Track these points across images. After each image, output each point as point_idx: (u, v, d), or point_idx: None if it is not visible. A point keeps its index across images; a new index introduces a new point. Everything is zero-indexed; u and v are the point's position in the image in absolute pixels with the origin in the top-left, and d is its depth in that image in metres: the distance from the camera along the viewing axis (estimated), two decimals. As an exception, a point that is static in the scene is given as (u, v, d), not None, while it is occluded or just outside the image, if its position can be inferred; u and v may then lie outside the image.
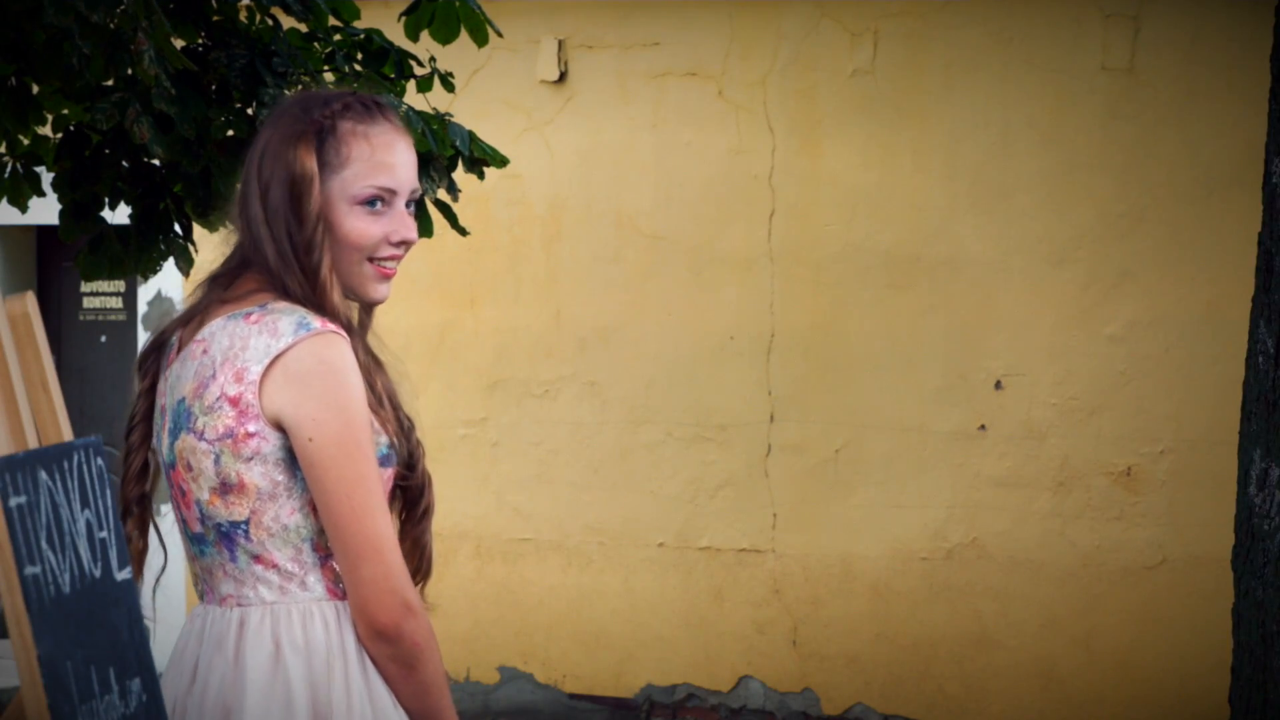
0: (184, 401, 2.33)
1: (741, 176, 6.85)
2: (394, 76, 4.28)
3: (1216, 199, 6.24)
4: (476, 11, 4.29)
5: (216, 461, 2.29)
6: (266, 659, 2.28)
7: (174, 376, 2.37)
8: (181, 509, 2.37)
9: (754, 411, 6.82)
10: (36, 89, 4.14)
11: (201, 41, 4.14)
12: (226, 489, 2.29)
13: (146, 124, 3.71)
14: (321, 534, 2.30)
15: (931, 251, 6.59)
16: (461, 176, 4.40)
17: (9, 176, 4.44)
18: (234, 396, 2.27)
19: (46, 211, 4.81)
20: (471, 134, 4.32)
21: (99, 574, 1.98)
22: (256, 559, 2.31)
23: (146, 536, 2.45)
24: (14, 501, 1.82)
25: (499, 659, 7.21)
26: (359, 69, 4.21)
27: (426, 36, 4.29)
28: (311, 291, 2.32)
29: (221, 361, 2.29)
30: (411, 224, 2.39)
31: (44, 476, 1.90)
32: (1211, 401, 6.17)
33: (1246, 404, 4.50)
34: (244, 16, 4.24)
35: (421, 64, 4.36)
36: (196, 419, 2.30)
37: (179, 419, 2.33)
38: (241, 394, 2.26)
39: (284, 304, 2.31)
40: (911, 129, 6.62)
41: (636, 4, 6.99)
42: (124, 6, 3.53)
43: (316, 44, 4.32)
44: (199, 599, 2.41)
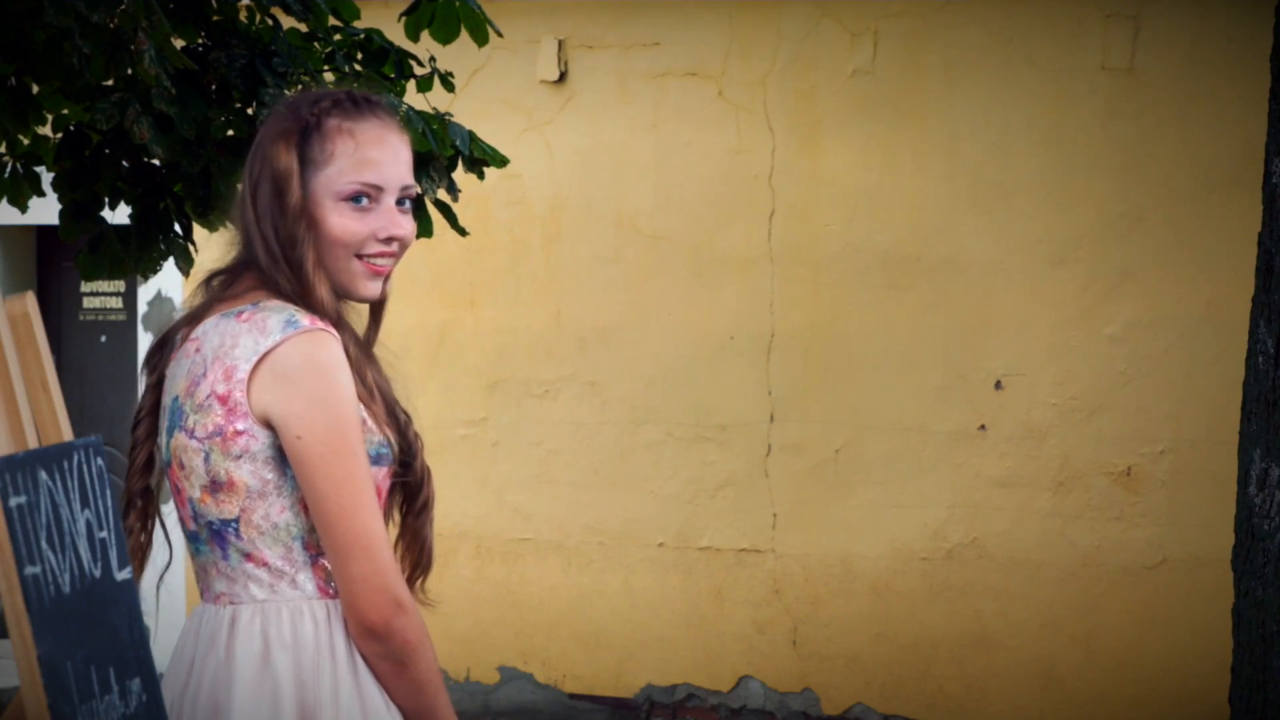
0: (178, 399, 2.34)
1: (741, 176, 6.84)
2: (394, 76, 4.27)
3: (1216, 199, 6.23)
4: (476, 11, 4.29)
5: (206, 459, 2.29)
6: (256, 657, 2.28)
7: (171, 374, 2.38)
8: (178, 507, 2.38)
9: (754, 411, 6.82)
10: (36, 89, 4.14)
11: (201, 41, 4.14)
12: (216, 487, 2.30)
13: (146, 124, 3.72)
14: (312, 532, 2.30)
15: (931, 251, 6.59)
16: (461, 176, 4.40)
17: (9, 176, 4.44)
18: (223, 394, 2.27)
19: (46, 211, 4.81)
20: (471, 134, 4.32)
21: (99, 574, 1.98)
22: (247, 557, 2.31)
23: (149, 530, 2.45)
24: (14, 501, 1.82)
25: (499, 659, 7.20)
26: (359, 69, 4.21)
27: (426, 36, 4.29)
28: (299, 288, 2.33)
29: (212, 360, 2.30)
30: (399, 221, 2.37)
31: (44, 476, 1.90)
32: (1211, 401, 6.16)
33: (1246, 404, 4.50)
34: (244, 16, 4.24)
35: (421, 64, 4.36)
36: (188, 417, 2.31)
37: (173, 417, 2.35)
38: (230, 392, 2.27)
39: (276, 302, 2.32)
40: (911, 129, 6.62)
41: (636, 4, 6.99)
42: (124, 6, 3.53)
43: (316, 44, 4.31)
44: (200, 597, 2.41)
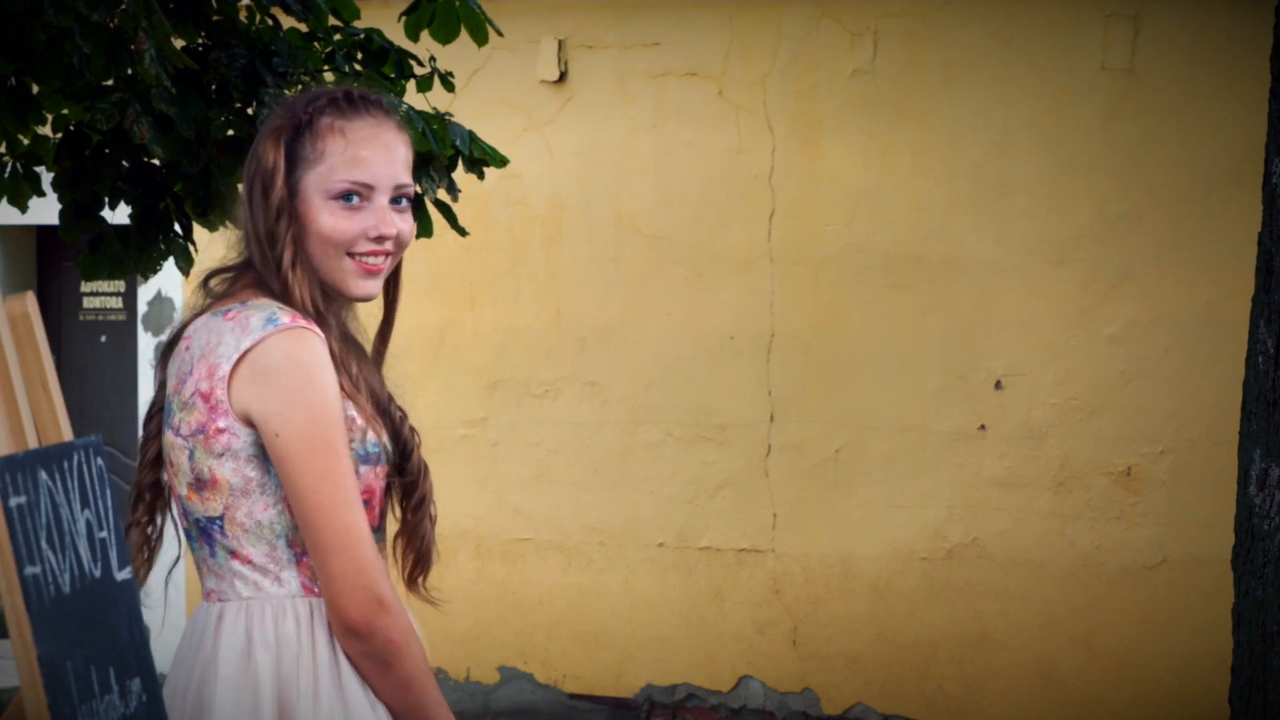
0: (170, 397, 2.35)
1: (741, 176, 6.84)
2: (394, 76, 4.27)
3: (1216, 199, 6.23)
4: (476, 11, 4.28)
5: (191, 457, 2.30)
6: (238, 654, 2.29)
7: (169, 372, 2.39)
8: (174, 505, 2.39)
9: (754, 411, 6.82)
10: (36, 89, 4.14)
11: (201, 41, 4.14)
12: (201, 484, 2.30)
13: (146, 124, 3.71)
14: (297, 530, 2.30)
15: (931, 251, 6.59)
16: (461, 176, 4.40)
17: (9, 176, 4.44)
18: (205, 392, 2.28)
19: (46, 211, 4.81)
20: (471, 134, 4.32)
21: (99, 574, 1.98)
22: (233, 554, 2.31)
23: (158, 525, 2.46)
24: (14, 501, 1.82)
25: (499, 659, 7.20)
26: (359, 69, 4.21)
27: (426, 36, 4.29)
28: (279, 285, 2.33)
29: (198, 358, 2.31)
30: (390, 220, 2.36)
31: (44, 476, 1.90)
32: (1211, 401, 6.16)
33: (1246, 404, 4.50)
34: (244, 16, 4.24)
35: (421, 64, 4.36)
36: (175, 414, 2.33)
37: (166, 415, 2.36)
38: (212, 390, 2.27)
39: (262, 300, 2.32)
40: (911, 129, 6.62)
41: (636, 4, 6.98)
42: (124, 6, 3.53)
43: (316, 44, 4.31)
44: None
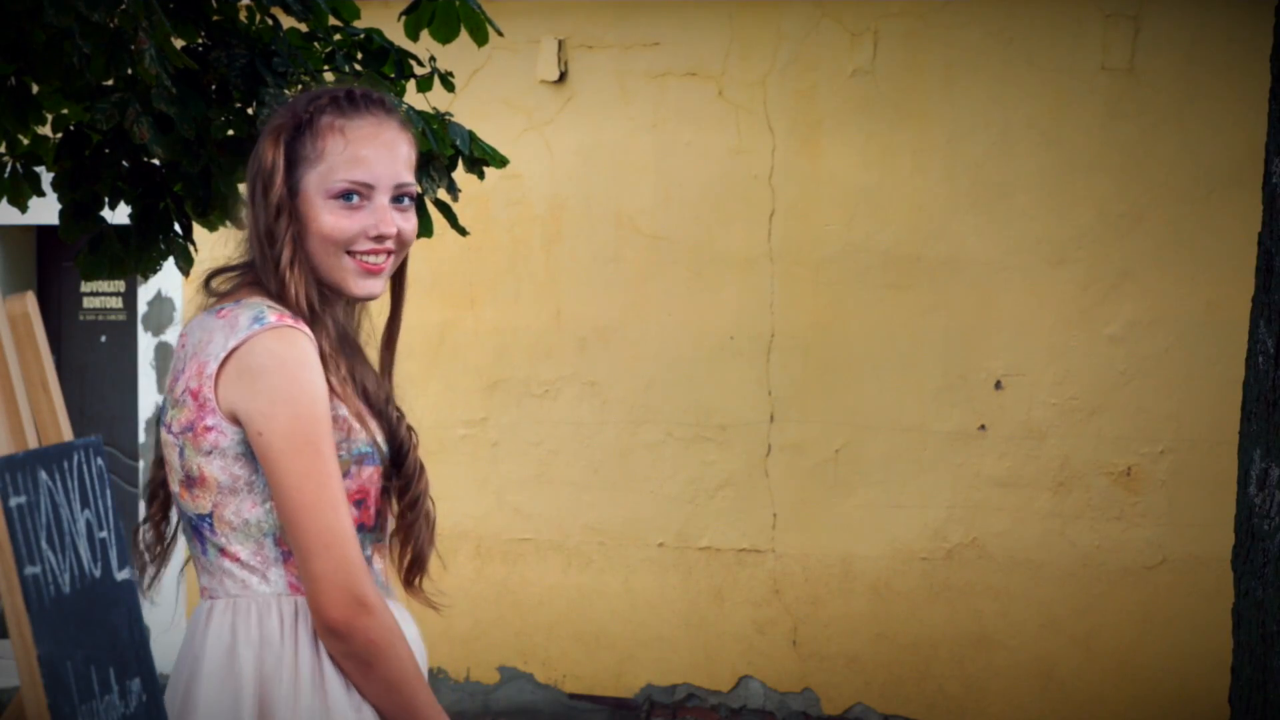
0: (165, 394, 2.37)
1: (741, 176, 6.84)
2: (394, 76, 4.27)
3: (1216, 199, 6.23)
4: (477, 11, 4.28)
5: (181, 454, 2.31)
6: (223, 652, 2.29)
7: (170, 371, 2.40)
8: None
9: (754, 411, 6.82)
10: (36, 89, 4.14)
11: (201, 41, 4.14)
12: (191, 482, 2.32)
13: (146, 124, 3.71)
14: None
15: (931, 251, 6.59)
16: (461, 176, 4.40)
17: (9, 176, 4.43)
18: (194, 390, 2.29)
19: (46, 211, 4.81)
20: (471, 134, 4.32)
21: (99, 574, 1.98)
22: (222, 552, 2.32)
23: (171, 521, 2.47)
24: (14, 501, 1.82)
25: (499, 659, 7.20)
26: (359, 69, 4.21)
27: (426, 36, 4.29)
28: (276, 283, 2.34)
29: (190, 356, 2.32)
30: (390, 219, 2.36)
31: (44, 476, 1.90)
32: (1211, 401, 6.16)
33: (1246, 404, 4.50)
34: (244, 16, 4.24)
35: (421, 64, 4.36)
36: (167, 412, 2.34)
37: (161, 412, 2.38)
38: (201, 388, 2.29)
39: (255, 299, 2.33)
40: (911, 129, 6.62)
41: (636, 4, 6.98)
42: (124, 6, 3.53)
43: (316, 44, 4.31)
44: None
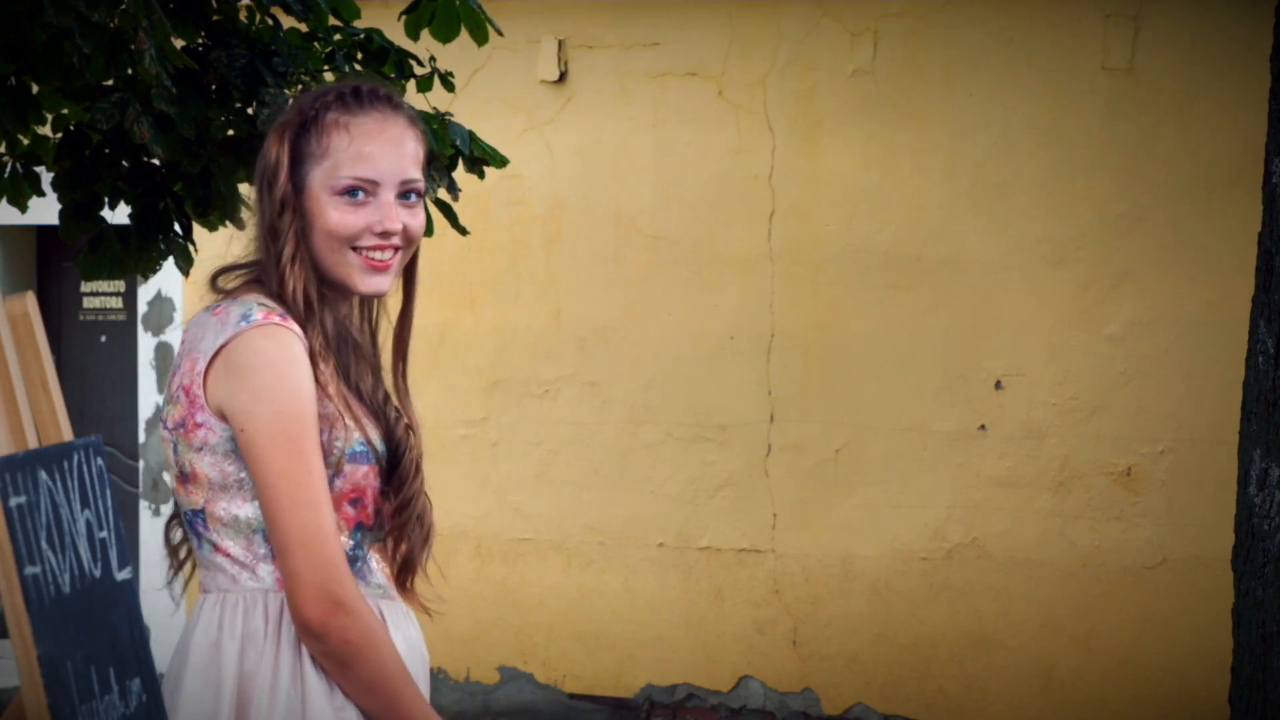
0: (165, 391, 2.39)
1: (741, 176, 6.84)
2: (394, 76, 4.27)
3: (1216, 199, 6.23)
4: (477, 10, 4.28)
5: (175, 450, 2.33)
6: (209, 645, 2.30)
7: None
8: None
9: (754, 411, 6.82)
10: (36, 89, 4.14)
11: (201, 41, 4.13)
12: (185, 478, 2.33)
13: (146, 124, 3.71)
14: None
15: (931, 251, 6.59)
16: (461, 176, 4.40)
17: (9, 176, 4.43)
18: (186, 386, 2.31)
19: (46, 211, 4.81)
20: (471, 134, 4.32)
21: (99, 574, 1.98)
22: (215, 548, 2.33)
23: None
24: (14, 501, 1.82)
25: (499, 659, 7.20)
26: (359, 69, 4.21)
27: (427, 36, 4.29)
28: (275, 279, 2.35)
29: (187, 353, 2.34)
30: (396, 215, 2.37)
31: (44, 476, 1.90)
32: (1211, 401, 6.16)
33: (1246, 404, 4.50)
34: (244, 16, 4.24)
35: (421, 64, 4.35)
36: (165, 408, 2.36)
37: (163, 408, 2.39)
38: (191, 384, 2.30)
39: (252, 296, 2.34)
40: (911, 129, 6.62)
41: (636, 4, 6.98)
42: (124, 6, 3.52)
43: (316, 44, 4.31)
44: None
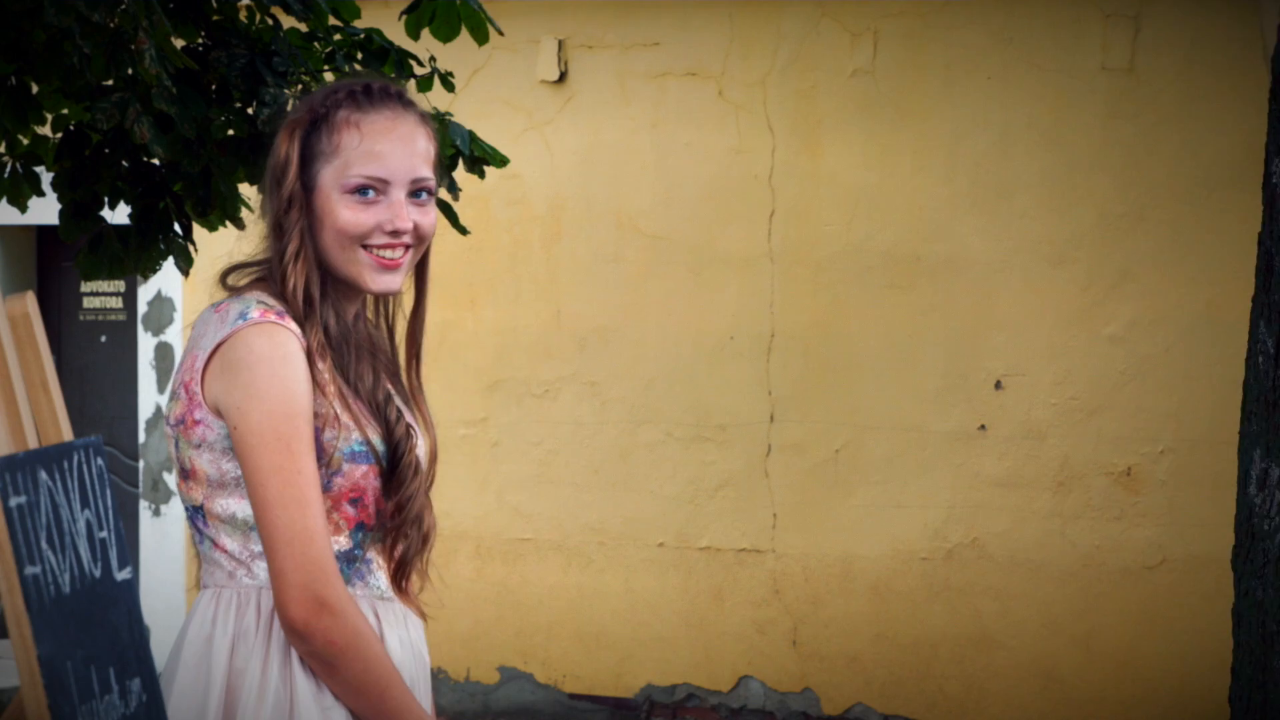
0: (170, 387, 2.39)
1: (741, 176, 6.84)
2: (394, 76, 4.27)
3: (1216, 199, 6.23)
4: (477, 10, 4.28)
5: (176, 446, 2.34)
6: (203, 641, 2.31)
7: None
8: None
9: (754, 411, 6.82)
10: (36, 89, 4.14)
11: (201, 41, 4.13)
12: (185, 474, 2.34)
13: (146, 124, 3.71)
14: None
15: (931, 251, 6.59)
16: (462, 176, 4.40)
17: (9, 176, 4.43)
18: (186, 383, 2.32)
19: (46, 211, 4.81)
20: (472, 134, 4.32)
21: (99, 574, 1.98)
22: (213, 544, 2.34)
23: None
24: (14, 501, 1.82)
25: (499, 659, 7.20)
26: (359, 69, 4.21)
27: (427, 36, 4.29)
28: (279, 276, 2.35)
29: (189, 349, 2.35)
30: (406, 214, 2.39)
31: (44, 476, 1.90)
32: (1211, 401, 6.16)
33: (1246, 404, 4.49)
34: (244, 16, 4.24)
35: (421, 63, 4.36)
36: (168, 404, 2.37)
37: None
38: (190, 381, 2.31)
39: (254, 293, 2.34)
40: (911, 129, 6.62)
41: (636, 4, 6.98)
42: (124, 6, 3.53)
43: (316, 44, 4.31)
44: None
